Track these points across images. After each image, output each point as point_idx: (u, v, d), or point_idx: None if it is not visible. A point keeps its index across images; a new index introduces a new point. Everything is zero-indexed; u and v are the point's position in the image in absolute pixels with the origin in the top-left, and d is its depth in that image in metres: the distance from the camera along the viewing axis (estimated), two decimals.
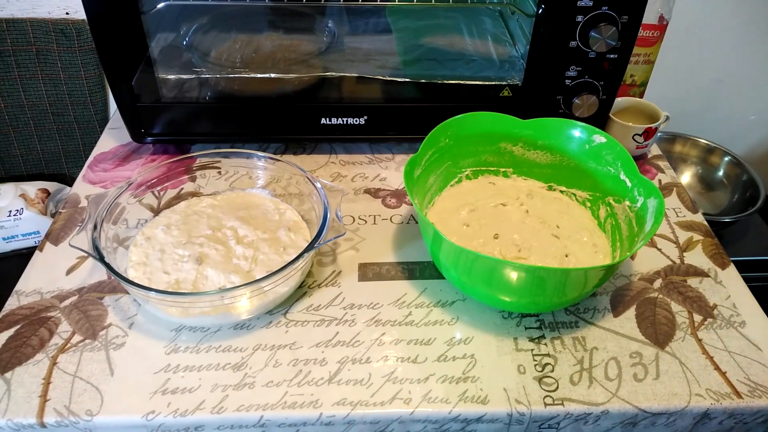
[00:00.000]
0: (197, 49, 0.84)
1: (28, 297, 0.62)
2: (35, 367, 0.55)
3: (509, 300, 0.58)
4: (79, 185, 0.78)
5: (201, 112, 0.80)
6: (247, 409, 0.52)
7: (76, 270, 0.65)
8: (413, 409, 0.53)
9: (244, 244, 0.63)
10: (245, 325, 0.60)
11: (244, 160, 0.71)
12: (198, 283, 0.59)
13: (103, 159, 0.83)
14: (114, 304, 0.62)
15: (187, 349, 0.57)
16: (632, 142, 0.80)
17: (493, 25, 0.89)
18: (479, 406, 0.53)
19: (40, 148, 1.24)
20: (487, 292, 0.58)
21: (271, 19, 0.89)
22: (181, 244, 0.63)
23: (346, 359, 0.57)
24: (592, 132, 0.66)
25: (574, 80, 0.74)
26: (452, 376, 0.55)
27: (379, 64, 0.84)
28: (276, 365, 0.56)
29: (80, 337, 0.58)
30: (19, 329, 0.59)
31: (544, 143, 0.69)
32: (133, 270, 0.61)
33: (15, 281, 0.65)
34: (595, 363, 0.57)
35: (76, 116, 1.20)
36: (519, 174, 0.72)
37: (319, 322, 0.60)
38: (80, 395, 0.53)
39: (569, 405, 0.53)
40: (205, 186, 0.73)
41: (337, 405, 0.53)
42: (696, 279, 0.66)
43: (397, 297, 0.63)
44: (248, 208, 0.69)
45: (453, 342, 0.58)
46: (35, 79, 1.15)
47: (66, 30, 1.11)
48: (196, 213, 0.68)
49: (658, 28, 0.85)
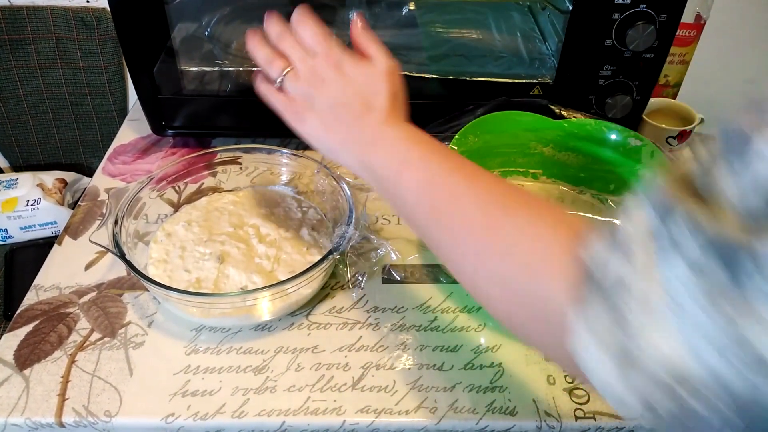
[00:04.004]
0: (219, 41, 0.83)
1: (47, 292, 0.61)
2: (54, 364, 0.54)
3: None
4: (99, 178, 0.77)
5: (222, 105, 0.78)
6: (269, 414, 0.51)
7: (95, 265, 0.64)
8: (439, 419, 0.51)
9: (266, 242, 0.62)
10: (267, 327, 0.58)
11: (266, 155, 0.69)
12: (219, 282, 0.58)
13: (123, 151, 0.82)
14: (133, 302, 0.60)
15: (207, 350, 0.56)
16: (666, 144, 0.77)
17: (522, 20, 0.87)
18: (507, 417, 0.51)
19: (58, 137, 1.23)
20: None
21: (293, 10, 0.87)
22: (202, 241, 0.62)
23: (369, 365, 0.55)
24: (628, 134, 0.64)
25: (608, 80, 0.71)
26: (479, 386, 0.54)
27: (405, 59, 0.82)
28: (298, 369, 0.55)
29: (99, 334, 0.57)
30: (38, 325, 0.58)
31: (575, 145, 0.67)
32: (153, 267, 0.59)
33: (32, 270, 0.64)
34: None
35: (94, 106, 1.19)
36: (548, 176, 0.70)
37: (342, 325, 0.59)
38: (99, 395, 0.52)
39: (601, 419, 0.52)
40: (225, 181, 0.72)
41: (360, 412, 0.51)
42: None
43: (422, 301, 0.61)
44: (270, 205, 0.68)
45: (480, 349, 0.57)
46: (54, 67, 1.14)
47: (86, 18, 1.10)
48: (217, 209, 0.67)
49: (694, 28, 0.82)
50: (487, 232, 0.38)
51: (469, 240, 0.39)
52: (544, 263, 0.34)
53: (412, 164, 0.43)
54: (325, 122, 0.48)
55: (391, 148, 0.45)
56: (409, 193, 0.43)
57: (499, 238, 0.38)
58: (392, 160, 0.45)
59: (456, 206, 0.40)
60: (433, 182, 0.42)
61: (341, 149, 0.48)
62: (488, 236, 0.38)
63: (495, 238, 0.38)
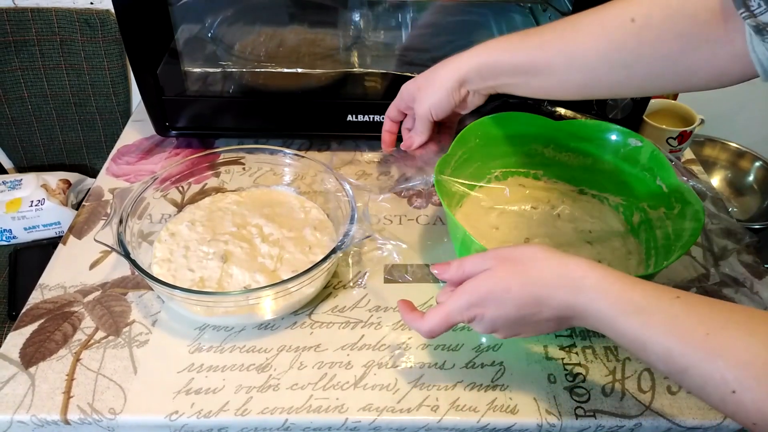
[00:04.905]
0: (222, 42, 0.83)
1: (52, 291, 0.62)
2: (59, 362, 0.55)
3: None
4: (103, 178, 0.78)
5: (225, 106, 0.79)
6: (272, 412, 0.52)
7: (99, 265, 0.65)
8: (441, 417, 0.52)
9: (269, 242, 0.62)
10: (270, 326, 0.59)
11: (269, 156, 0.70)
12: (223, 281, 0.59)
13: (127, 152, 0.82)
14: (137, 301, 0.61)
15: (210, 349, 0.57)
16: (666, 145, 0.78)
17: (523, 22, 0.87)
18: (509, 415, 0.52)
19: (61, 138, 1.24)
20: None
21: (295, 11, 0.88)
22: (206, 241, 0.62)
23: (371, 363, 0.55)
24: (628, 135, 0.64)
25: None
26: (480, 384, 0.54)
27: (407, 61, 0.82)
28: (301, 367, 0.55)
29: (103, 333, 0.58)
30: (43, 323, 0.58)
31: (576, 145, 0.67)
32: (157, 266, 0.60)
33: (36, 271, 0.65)
34: (628, 374, 0.55)
35: (98, 107, 1.20)
36: (549, 176, 0.70)
37: (345, 324, 0.59)
38: (103, 393, 0.53)
39: (601, 417, 0.52)
40: (229, 182, 0.72)
41: (362, 410, 0.52)
42: (731, 289, 0.64)
43: (424, 300, 0.61)
44: (273, 205, 0.68)
45: (481, 348, 0.57)
46: (59, 69, 1.15)
47: (90, 20, 1.10)
48: (221, 209, 0.67)
49: None
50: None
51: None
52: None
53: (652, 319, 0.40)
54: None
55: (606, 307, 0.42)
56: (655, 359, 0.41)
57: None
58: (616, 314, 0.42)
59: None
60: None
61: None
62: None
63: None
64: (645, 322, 0.40)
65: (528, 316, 0.44)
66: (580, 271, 0.43)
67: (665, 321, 0.40)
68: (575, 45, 0.52)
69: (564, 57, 0.53)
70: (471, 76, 0.57)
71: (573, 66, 0.53)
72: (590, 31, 0.51)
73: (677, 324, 0.39)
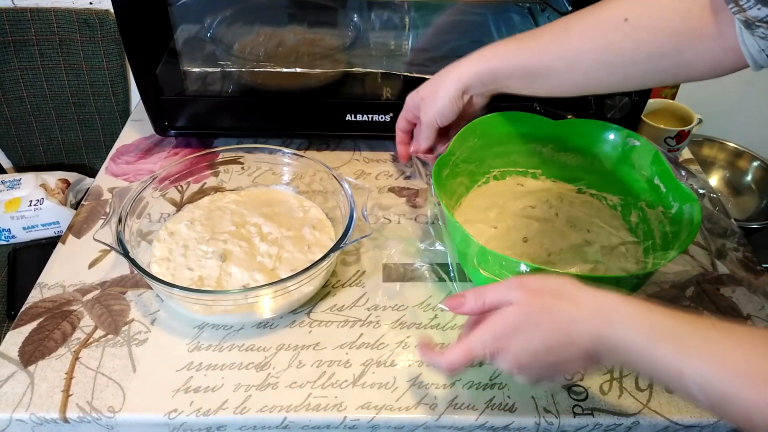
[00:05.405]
0: (221, 42, 0.83)
1: (51, 290, 0.62)
2: (58, 361, 0.55)
3: None
4: (102, 177, 0.78)
5: (224, 105, 0.79)
6: (271, 410, 0.52)
7: (98, 264, 0.65)
8: (439, 416, 0.52)
9: (268, 241, 0.63)
10: (268, 324, 0.59)
11: (268, 155, 0.70)
12: (222, 280, 0.59)
13: (126, 151, 0.82)
14: (136, 299, 0.61)
15: (209, 347, 0.57)
16: (664, 145, 0.78)
17: (521, 22, 0.87)
18: (507, 414, 0.52)
19: (61, 138, 1.24)
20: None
21: (294, 12, 0.88)
22: (205, 240, 0.63)
23: (370, 362, 0.56)
24: (626, 134, 0.64)
25: None
26: (479, 383, 0.54)
27: (406, 60, 0.82)
28: (299, 366, 0.55)
29: (102, 332, 0.58)
30: (42, 322, 0.58)
31: (574, 145, 0.68)
32: (156, 265, 0.60)
33: (34, 270, 0.65)
34: (626, 372, 0.55)
35: (97, 107, 1.20)
36: (548, 176, 0.71)
37: (343, 323, 0.59)
38: (102, 391, 0.53)
39: (599, 416, 0.52)
40: (228, 181, 0.72)
41: (361, 408, 0.52)
42: (729, 288, 0.64)
43: (423, 299, 0.62)
44: (272, 204, 0.68)
45: None
46: (58, 69, 1.15)
47: (89, 20, 1.10)
48: (220, 208, 0.67)
49: None
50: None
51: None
52: None
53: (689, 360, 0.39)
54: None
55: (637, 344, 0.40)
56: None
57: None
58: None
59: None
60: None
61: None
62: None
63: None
64: (681, 349, 0.38)
65: (555, 351, 0.42)
66: (612, 304, 0.41)
67: (702, 347, 0.38)
68: (572, 48, 0.53)
69: (562, 61, 0.54)
70: (472, 83, 0.58)
71: (572, 68, 0.54)
72: (585, 33, 0.52)
73: (715, 350, 0.38)
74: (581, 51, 0.53)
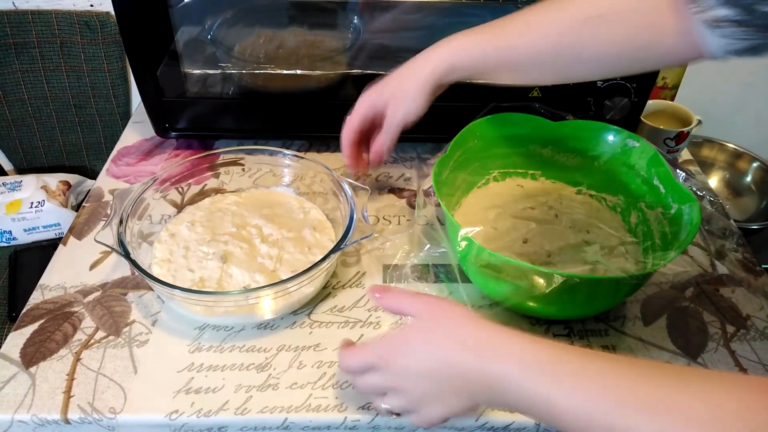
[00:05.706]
0: (222, 44, 0.84)
1: (52, 291, 0.62)
2: (59, 362, 0.55)
3: (538, 306, 0.57)
4: (103, 179, 0.78)
5: (225, 107, 0.79)
6: (271, 411, 0.52)
7: (99, 265, 0.65)
8: None
9: (268, 242, 0.63)
10: (269, 325, 0.59)
11: (269, 157, 0.70)
12: (222, 281, 0.59)
13: (127, 153, 0.83)
14: (137, 301, 0.61)
15: (210, 348, 0.57)
16: (663, 146, 0.78)
17: None
18: (506, 414, 0.52)
19: (61, 140, 1.24)
20: (515, 297, 0.56)
21: (295, 13, 0.88)
22: (206, 241, 0.63)
23: None
24: (626, 135, 0.65)
25: (606, 82, 0.72)
26: None
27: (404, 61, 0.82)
28: (300, 367, 0.55)
29: (104, 333, 0.58)
30: (44, 324, 0.59)
31: (574, 146, 0.68)
32: (157, 267, 0.60)
33: (36, 272, 0.65)
34: None
35: (98, 109, 1.20)
36: (547, 177, 0.71)
37: (344, 324, 0.59)
38: (104, 392, 0.53)
39: None
40: (228, 183, 0.72)
41: (361, 409, 0.52)
42: (728, 288, 0.64)
43: None
44: (272, 206, 0.68)
45: None
46: (59, 71, 1.15)
47: (90, 22, 1.11)
48: (221, 210, 0.68)
49: None
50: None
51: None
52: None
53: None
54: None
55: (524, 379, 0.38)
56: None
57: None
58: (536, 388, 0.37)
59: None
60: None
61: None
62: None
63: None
64: (555, 378, 0.36)
65: (436, 378, 0.41)
66: (497, 338, 0.40)
67: (578, 375, 0.35)
68: (544, 43, 0.52)
69: (533, 57, 0.54)
70: (446, 75, 0.57)
71: (544, 62, 0.54)
72: (552, 29, 0.52)
73: (594, 379, 0.35)
74: (552, 45, 0.52)
